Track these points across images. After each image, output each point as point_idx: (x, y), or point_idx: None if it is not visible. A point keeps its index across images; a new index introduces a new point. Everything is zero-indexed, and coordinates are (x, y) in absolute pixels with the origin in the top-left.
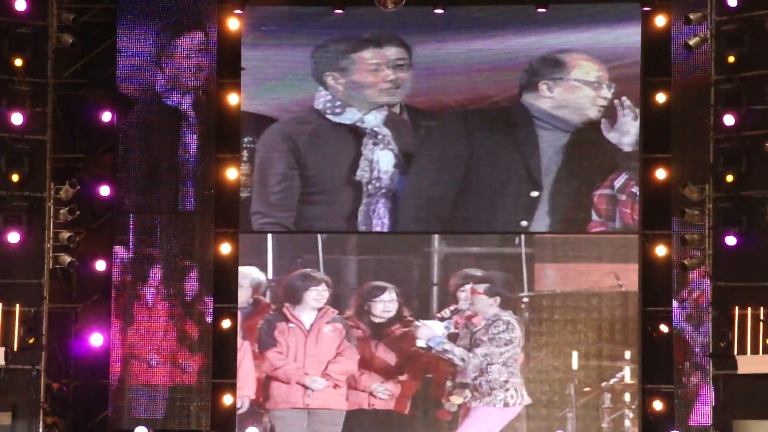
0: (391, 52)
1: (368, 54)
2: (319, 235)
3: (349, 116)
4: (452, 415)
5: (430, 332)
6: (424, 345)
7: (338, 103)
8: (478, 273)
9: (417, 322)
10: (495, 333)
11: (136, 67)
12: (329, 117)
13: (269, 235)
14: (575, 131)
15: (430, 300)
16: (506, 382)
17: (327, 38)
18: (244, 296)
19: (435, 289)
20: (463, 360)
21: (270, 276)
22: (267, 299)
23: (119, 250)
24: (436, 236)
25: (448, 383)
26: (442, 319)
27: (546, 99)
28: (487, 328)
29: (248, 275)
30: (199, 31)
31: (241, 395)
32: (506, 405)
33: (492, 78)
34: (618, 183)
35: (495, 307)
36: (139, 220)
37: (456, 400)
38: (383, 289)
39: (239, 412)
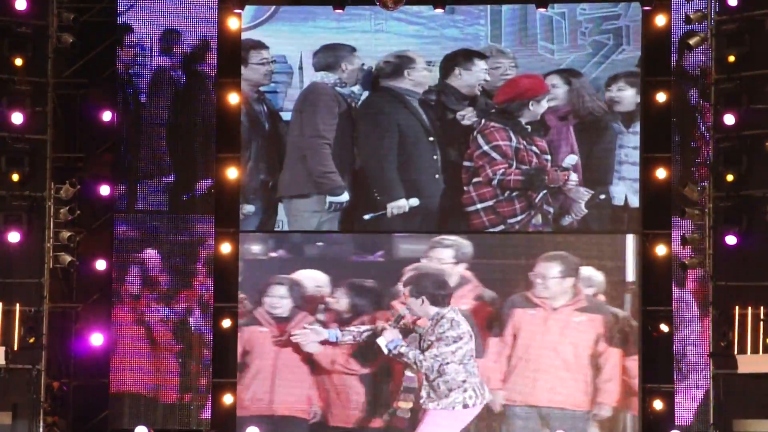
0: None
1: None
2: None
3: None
4: (408, 421)
5: (393, 335)
6: (384, 348)
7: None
8: None
9: (385, 325)
10: (441, 332)
11: (135, 66)
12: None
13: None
14: None
15: None
16: (464, 381)
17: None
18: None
19: None
20: (416, 363)
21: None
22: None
23: (119, 250)
24: None
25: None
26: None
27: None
28: (432, 328)
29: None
30: (199, 30)
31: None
32: (465, 406)
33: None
34: None
35: (427, 306)
36: (139, 220)
37: (405, 405)
38: None
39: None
